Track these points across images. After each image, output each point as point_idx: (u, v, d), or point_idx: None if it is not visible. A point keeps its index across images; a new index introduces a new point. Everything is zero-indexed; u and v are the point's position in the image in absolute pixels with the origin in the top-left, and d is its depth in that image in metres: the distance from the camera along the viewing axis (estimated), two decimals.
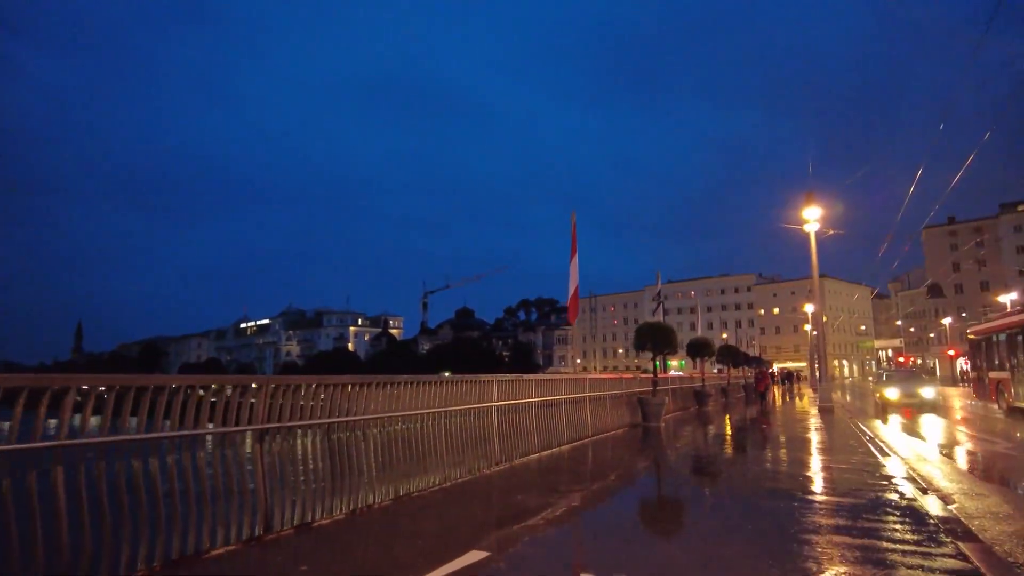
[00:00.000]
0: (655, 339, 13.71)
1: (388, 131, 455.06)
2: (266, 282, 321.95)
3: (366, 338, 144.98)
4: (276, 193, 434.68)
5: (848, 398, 30.06)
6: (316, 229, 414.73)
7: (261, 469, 4.58)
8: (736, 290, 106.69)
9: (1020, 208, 76.00)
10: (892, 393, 19.94)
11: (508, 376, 8.18)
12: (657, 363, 14.74)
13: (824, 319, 73.11)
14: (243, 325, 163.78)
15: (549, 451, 9.02)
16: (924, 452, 9.86)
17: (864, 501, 5.65)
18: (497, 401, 7.83)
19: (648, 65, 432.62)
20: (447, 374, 7.84)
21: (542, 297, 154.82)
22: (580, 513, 5.53)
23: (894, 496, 5.85)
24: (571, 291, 11.24)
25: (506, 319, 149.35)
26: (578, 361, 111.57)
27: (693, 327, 75.65)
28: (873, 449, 9.10)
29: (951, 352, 59.52)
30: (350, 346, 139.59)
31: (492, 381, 7.78)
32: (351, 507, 5.24)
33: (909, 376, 23.08)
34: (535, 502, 5.74)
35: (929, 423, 15.49)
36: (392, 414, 5.97)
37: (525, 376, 8.72)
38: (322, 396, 5.24)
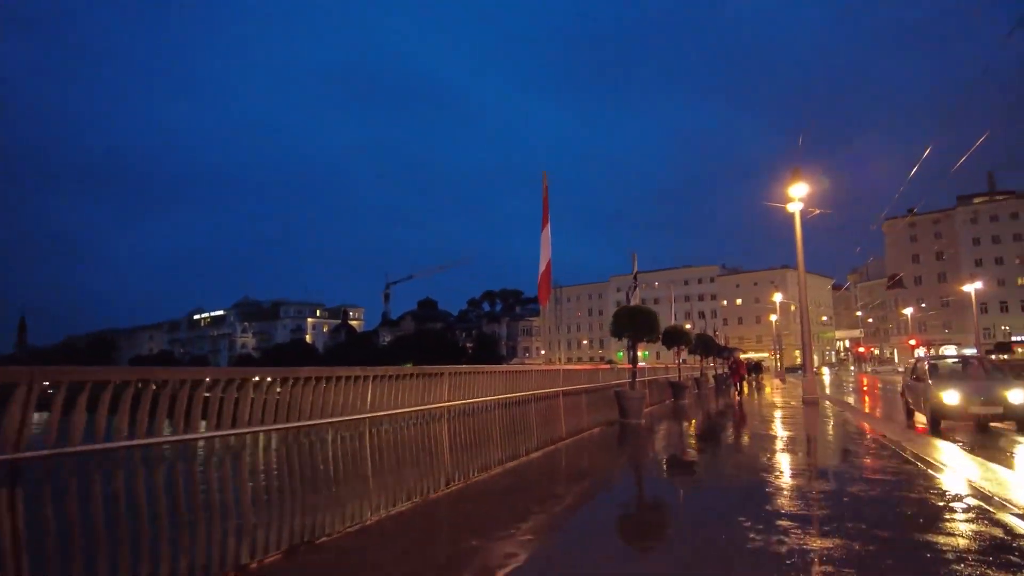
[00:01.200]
0: (635, 324, 12.02)
1: (352, 120, 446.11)
2: (222, 272, 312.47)
3: (325, 330, 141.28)
4: (233, 181, 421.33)
5: (828, 391, 28.99)
6: (275, 218, 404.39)
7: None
8: (699, 281, 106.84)
9: (976, 200, 77.43)
10: (952, 397, 10.95)
11: (464, 368, 6.32)
12: (639, 353, 13.08)
13: (792, 308, 73.30)
14: (197, 316, 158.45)
15: (516, 461, 7.21)
16: None
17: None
18: (449, 401, 5.97)
19: (618, 58, 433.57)
20: (409, 366, 6.00)
21: (507, 288, 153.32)
22: (556, 562, 3.75)
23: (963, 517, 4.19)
24: (542, 267, 9.42)
25: (471, 310, 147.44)
26: (542, 352, 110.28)
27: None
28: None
29: (912, 342, 60.09)
30: (308, 338, 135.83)
31: (442, 375, 5.91)
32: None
33: (979, 371, 13.17)
34: (496, 547, 3.94)
35: None
36: (280, 426, 4.03)
37: (485, 368, 6.87)
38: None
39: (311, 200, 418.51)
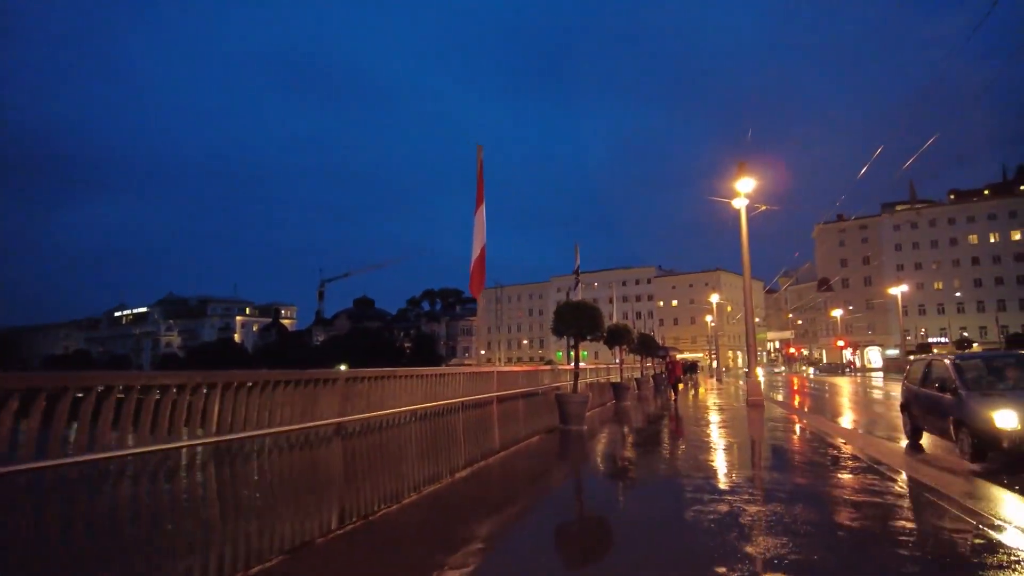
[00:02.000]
0: (579, 322, 10.88)
1: (287, 113, 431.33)
2: (145, 268, 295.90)
3: (255, 329, 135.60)
4: (157, 172, 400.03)
5: (769, 392, 28.74)
6: (202, 212, 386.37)
7: None
8: (637, 282, 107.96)
9: (899, 208, 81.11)
10: (1008, 419, 7.40)
11: (365, 373, 4.93)
12: (582, 353, 11.97)
13: (729, 308, 74.87)
14: (118, 314, 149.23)
15: (436, 485, 5.88)
16: None
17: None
18: (344, 416, 4.59)
19: (559, 60, 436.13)
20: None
21: (447, 287, 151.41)
22: None
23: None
24: (475, 253, 8.11)
25: (409, 310, 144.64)
26: (482, 352, 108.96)
27: None
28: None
29: (841, 343, 62.09)
30: (237, 337, 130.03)
31: (333, 381, 4.51)
32: None
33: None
34: None
35: None
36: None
37: (399, 371, 5.50)
38: None
39: (242, 194, 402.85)
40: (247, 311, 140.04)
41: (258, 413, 3.76)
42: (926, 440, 9.71)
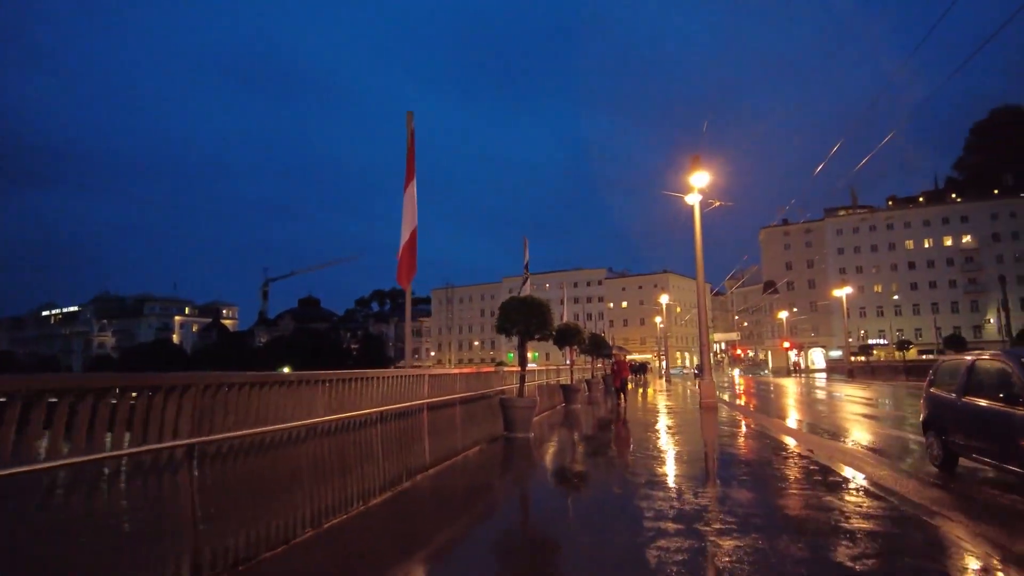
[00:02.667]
0: (526, 318, 9.87)
1: (233, 107, 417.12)
2: (77, 264, 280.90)
3: (195, 329, 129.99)
4: (93, 165, 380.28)
5: (725, 396, 28.11)
6: (140, 207, 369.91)
7: None
8: (588, 284, 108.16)
9: (841, 213, 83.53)
10: None
11: (236, 379, 3.77)
12: (529, 354, 10.96)
13: (678, 310, 75.56)
14: (47, 313, 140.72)
15: (340, 517, 4.75)
16: None
17: None
18: (195, 437, 3.41)
19: (513, 64, 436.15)
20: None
21: (397, 288, 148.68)
22: None
23: None
24: (405, 236, 7.02)
25: (358, 310, 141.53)
26: (432, 353, 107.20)
27: None
28: None
29: (786, 344, 63.24)
30: (175, 338, 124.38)
31: (183, 390, 3.34)
32: None
33: None
34: None
35: None
36: None
37: (286, 376, 4.30)
38: None
39: (184, 189, 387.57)
40: (187, 311, 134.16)
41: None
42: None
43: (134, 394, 3.04)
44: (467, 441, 8.44)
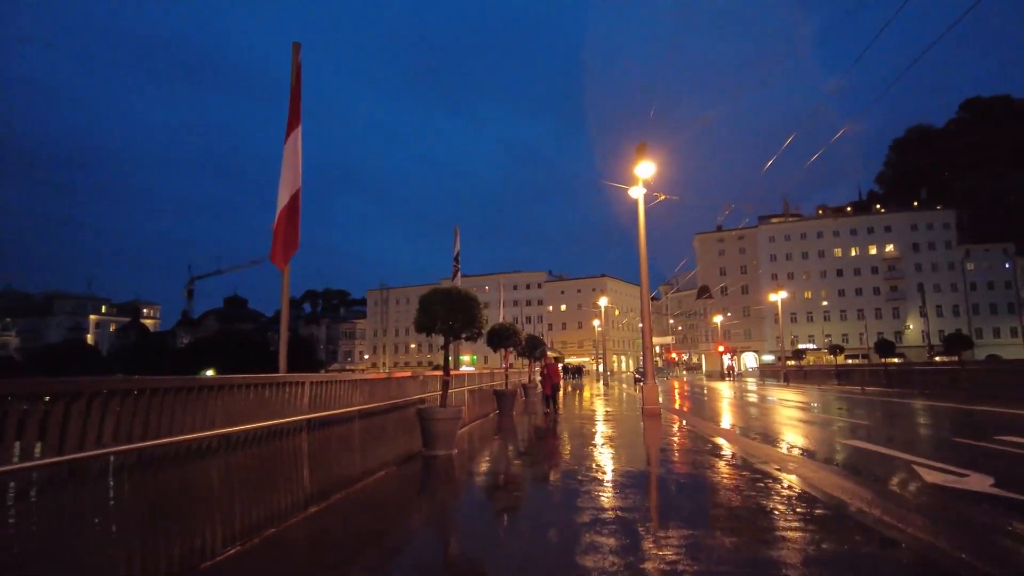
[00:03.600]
0: (448, 313, 8.31)
1: (158, 99, 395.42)
2: None
3: (112, 329, 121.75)
4: None
5: (663, 399, 27.07)
6: (52, 198, 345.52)
7: None
8: (528, 286, 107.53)
9: (774, 220, 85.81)
10: None
11: None
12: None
13: (616, 312, 75.50)
14: None
15: None
16: None
17: None
18: None
19: (454, 67, 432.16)
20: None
21: (331, 288, 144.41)
22: None
23: None
24: (282, 201, 5.36)
25: (289, 311, 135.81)
26: (366, 357, 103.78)
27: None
28: None
29: (721, 348, 63.96)
30: (89, 338, 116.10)
31: None
32: None
33: None
34: None
35: None
36: None
37: (78, 383, 2.65)
38: None
39: (102, 183, 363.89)
40: (103, 309, 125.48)
41: None
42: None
43: None
44: (371, 464, 6.81)
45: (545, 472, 7.82)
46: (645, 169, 15.05)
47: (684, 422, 13.80)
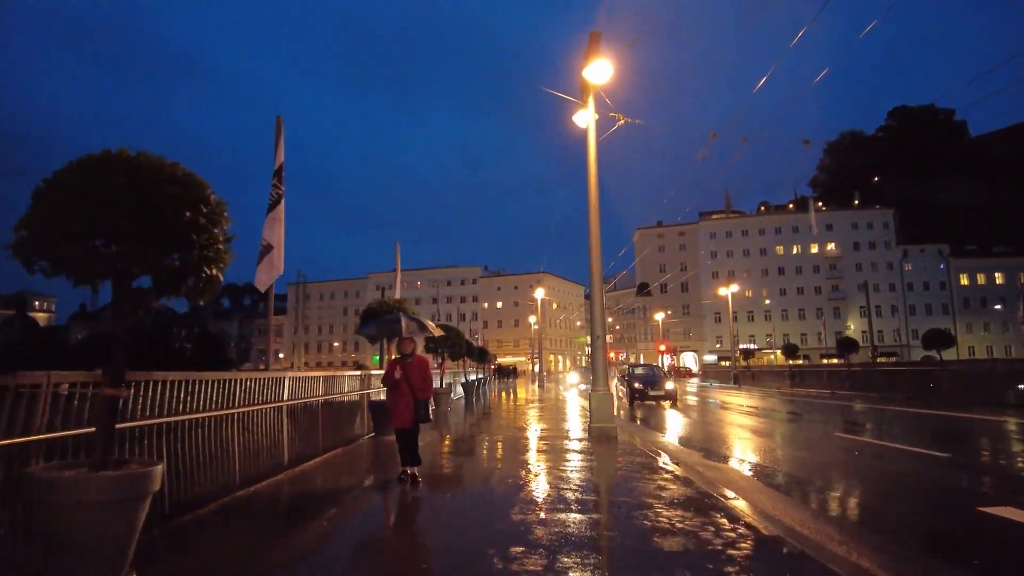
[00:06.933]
0: (117, 209, 3.20)
1: (81, 83, 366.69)
2: None
3: None
4: None
5: (620, 413, 17.07)
6: None
7: None
8: (462, 282, 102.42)
9: (714, 217, 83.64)
10: None
11: None
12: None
13: (554, 306, 70.99)
14: None
15: None
16: None
17: None
18: None
19: (400, 64, 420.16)
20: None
21: (251, 282, 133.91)
22: None
23: None
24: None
25: (201, 307, 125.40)
26: (281, 356, 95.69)
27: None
28: None
29: (662, 348, 60.47)
30: None
31: None
32: None
33: None
34: None
35: None
36: None
37: None
38: None
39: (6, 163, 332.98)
40: None
41: None
42: None
43: None
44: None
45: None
46: (599, 71, 10.14)
47: (665, 458, 8.62)
